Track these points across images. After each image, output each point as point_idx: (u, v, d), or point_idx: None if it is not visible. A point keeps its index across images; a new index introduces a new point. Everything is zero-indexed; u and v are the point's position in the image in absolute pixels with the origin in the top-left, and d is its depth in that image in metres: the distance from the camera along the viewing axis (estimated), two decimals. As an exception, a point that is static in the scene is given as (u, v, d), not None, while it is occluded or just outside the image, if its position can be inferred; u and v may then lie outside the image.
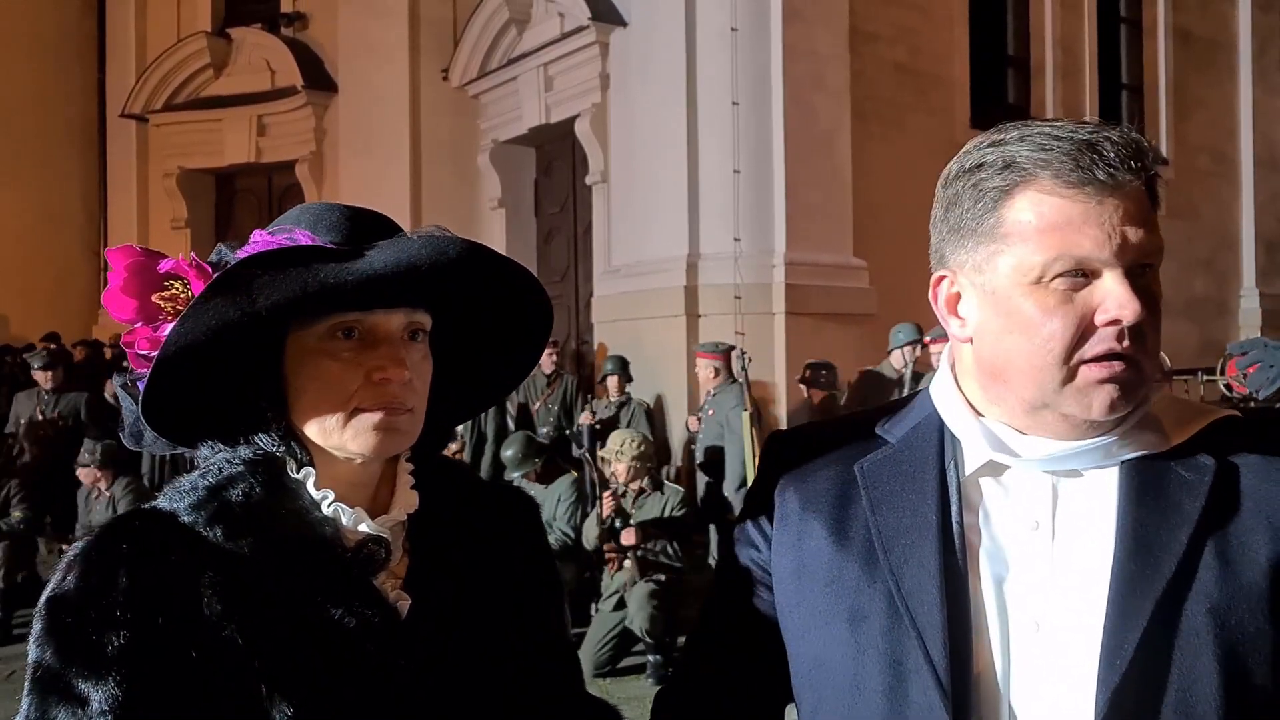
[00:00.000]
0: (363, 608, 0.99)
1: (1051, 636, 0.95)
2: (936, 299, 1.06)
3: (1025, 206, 0.95)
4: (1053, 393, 0.95)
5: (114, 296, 1.02)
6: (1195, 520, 0.94)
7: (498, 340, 1.14)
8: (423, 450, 1.12)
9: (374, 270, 0.95)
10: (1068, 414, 0.96)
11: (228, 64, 13.15)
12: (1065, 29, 11.02)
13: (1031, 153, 0.94)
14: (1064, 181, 0.93)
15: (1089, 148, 0.92)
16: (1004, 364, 0.98)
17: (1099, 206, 0.92)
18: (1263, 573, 0.91)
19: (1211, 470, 0.96)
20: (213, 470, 1.02)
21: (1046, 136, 0.95)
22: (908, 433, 1.08)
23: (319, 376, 0.99)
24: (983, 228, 0.98)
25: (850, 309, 8.29)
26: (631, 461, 5.76)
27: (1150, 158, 0.95)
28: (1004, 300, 0.97)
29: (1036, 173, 0.94)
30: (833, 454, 1.10)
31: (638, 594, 5.44)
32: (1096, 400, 0.93)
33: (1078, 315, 0.93)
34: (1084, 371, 0.93)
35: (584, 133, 9.95)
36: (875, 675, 0.99)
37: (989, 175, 0.97)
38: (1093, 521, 0.97)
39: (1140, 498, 0.96)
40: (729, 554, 1.17)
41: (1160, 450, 0.98)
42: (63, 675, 0.92)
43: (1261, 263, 12.93)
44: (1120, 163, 0.92)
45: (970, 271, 1.00)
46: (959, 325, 1.04)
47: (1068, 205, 0.93)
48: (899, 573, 1.00)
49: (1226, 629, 0.90)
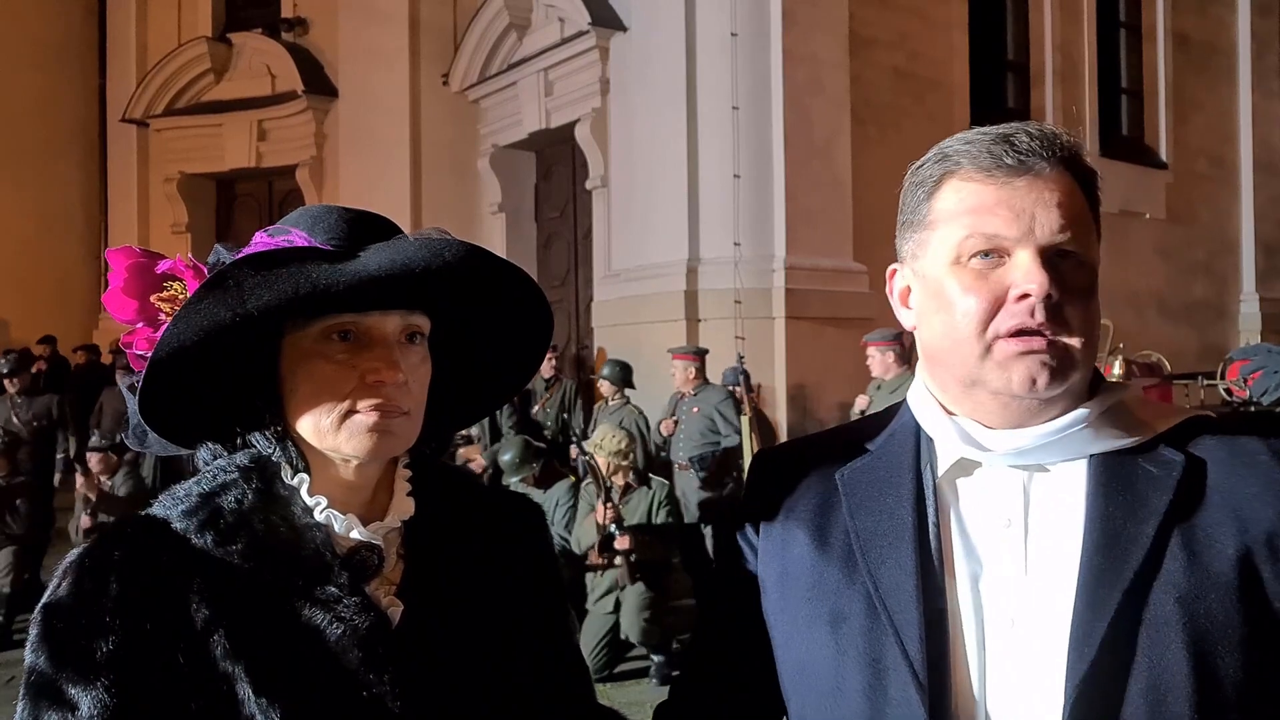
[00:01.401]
0: (350, 614, 0.98)
1: (1026, 631, 0.97)
2: (891, 291, 1.12)
3: (948, 194, 1.02)
4: (975, 367, 0.99)
5: (114, 297, 1.02)
6: (1162, 513, 0.95)
7: (499, 344, 1.14)
8: (422, 455, 1.12)
9: (367, 272, 0.95)
10: (995, 390, 0.98)
11: (228, 69, 13.19)
12: (1064, 34, 11.03)
13: (959, 146, 1.02)
14: (979, 167, 1.00)
15: (1004, 139, 0.99)
16: (935, 344, 1.04)
17: (1009, 189, 0.98)
18: (1230, 563, 0.93)
19: (1180, 465, 0.98)
20: (206, 477, 1.03)
21: (975, 132, 1.02)
22: (885, 439, 1.12)
23: (314, 378, 0.99)
24: (917, 217, 1.06)
25: (850, 313, 8.28)
26: (610, 457, 5.71)
27: (1068, 149, 1.00)
28: (932, 282, 1.03)
29: (960, 162, 1.01)
30: (816, 466, 1.14)
31: (630, 604, 5.42)
32: (1015, 374, 0.96)
33: (992, 291, 0.97)
34: (1000, 345, 0.97)
35: (584, 137, 9.96)
36: (855, 675, 1.01)
37: (925, 170, 1.06)
38: (1063, 517, 0.99)
39: (1108, 492, 0.98)
40: (721, 565, 1.20)
41: (1128, 445, 1.00)
42: (54, 681, 0.92)
43: (1261, 267, 12.93)
44: (1030, 150, 0.98)
45: (910, 260, 1.08)
46: (908, 315, 1.10)
47: (981, 189, 0.99)
48: (876, 573, 1.02)
49: (1195, 618, 0.91)
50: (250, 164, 12.97)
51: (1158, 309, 11.42)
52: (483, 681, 1.05)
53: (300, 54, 12.65)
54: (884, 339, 6.57)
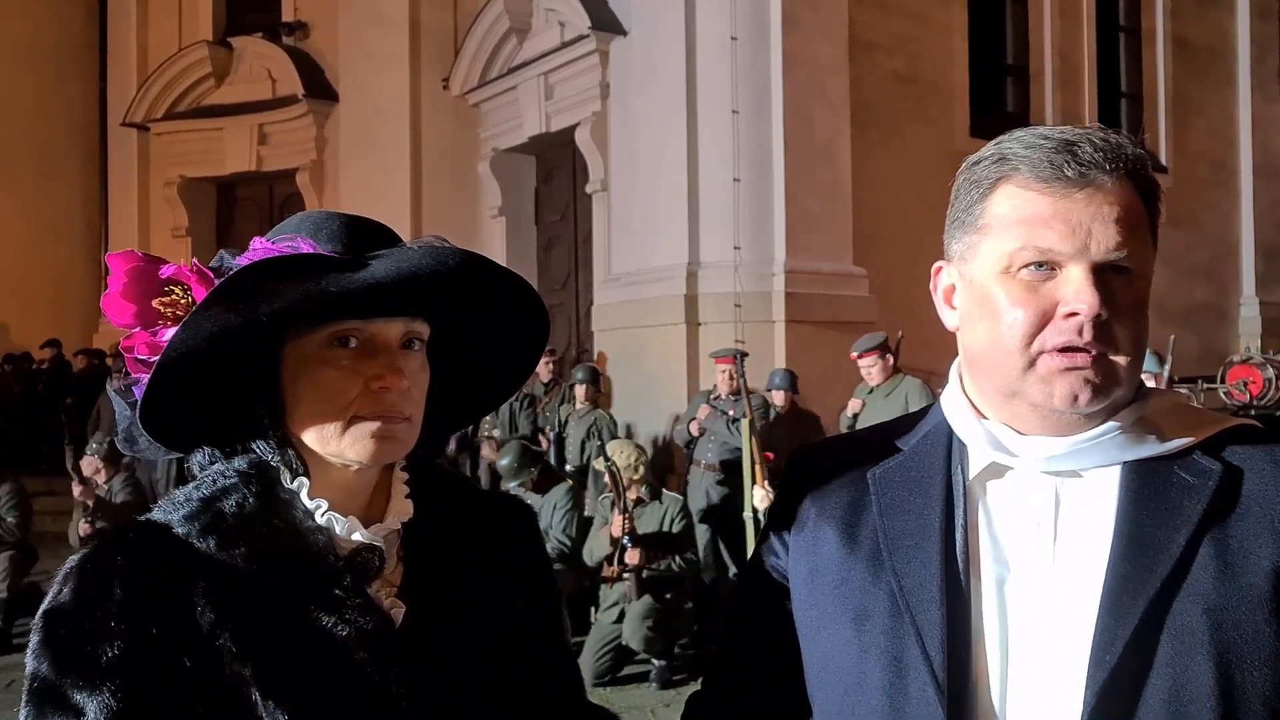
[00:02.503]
0: (355, 616, 0.99)
1: (1050, 636, 0.96)
2: (935, 289, 1.10)
3: (1003, 199, 0.99)
4: (1017, 379, 0.97)
5: (113, 301, 1.02)
6: (1195, 522, 0.94)
7: (494, 349, 1.15)
8: (419, 458, 1.12)
9: (376, 279, 0.96)
10: (1035, 403, 0.97)
11: (229, 73, 13.20)
12: (1064, 37, 11.04)
13: (1019, 149, 0.98)
14: (1037, 176, 0.96)
15: (1067, 146, 0.96)
16: (977, 351, 1.02)
17: (1068, 202, 0.95)
18: (1264, 576, 0.91)
19: (1216, 474, 0.96)
20: (206, 482, 1.03)
21: (1037, 135, 0.98)
22: (918, 440, 1.11)
23: (317, 384, 1.00)
24: (970, 218, 1.03)
25: (850, 317, 8.27)
26: (625, 470, 5.74)
27: (1134, 161, 0.97)
28: (979, 289, 1.01)
29: (1018, 167, 0.98)
30: (850, 465, 1.13)
31: (633, 614, 5.45)
32: (1058, 390, 0.95)
33: (1040, 306, 0.95)
34: (1044, 360, 0.95)
35: (584, 141, 9.97)
36: (877, 673, 1.01)
37: (982, 169, 1.02)
38: (1094, 523, 0.98)
39: (1140, 499, 0.97)
40: (755, 562, 1.20)
41: (1164, 453, 0.99)
42: (58, 686, 0.92)
43: (1261, 270, 12.93)
44: (1093, 162, 0.95)
45: (958, 261, 1.05)
46: (951, 316, 1.08)
47: (1037, 199, 0.96)
48: (901, 572, 1.01)
49: (1223, 630, 0.90)
50: (251, 168, 12.98)
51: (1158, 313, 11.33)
52: (484, 682, 1.06)
53: (301, 58, 12.66)
54: (871, 348, 6.54)
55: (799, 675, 1.12)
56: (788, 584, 1.14)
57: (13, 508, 6.80)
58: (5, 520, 6.76)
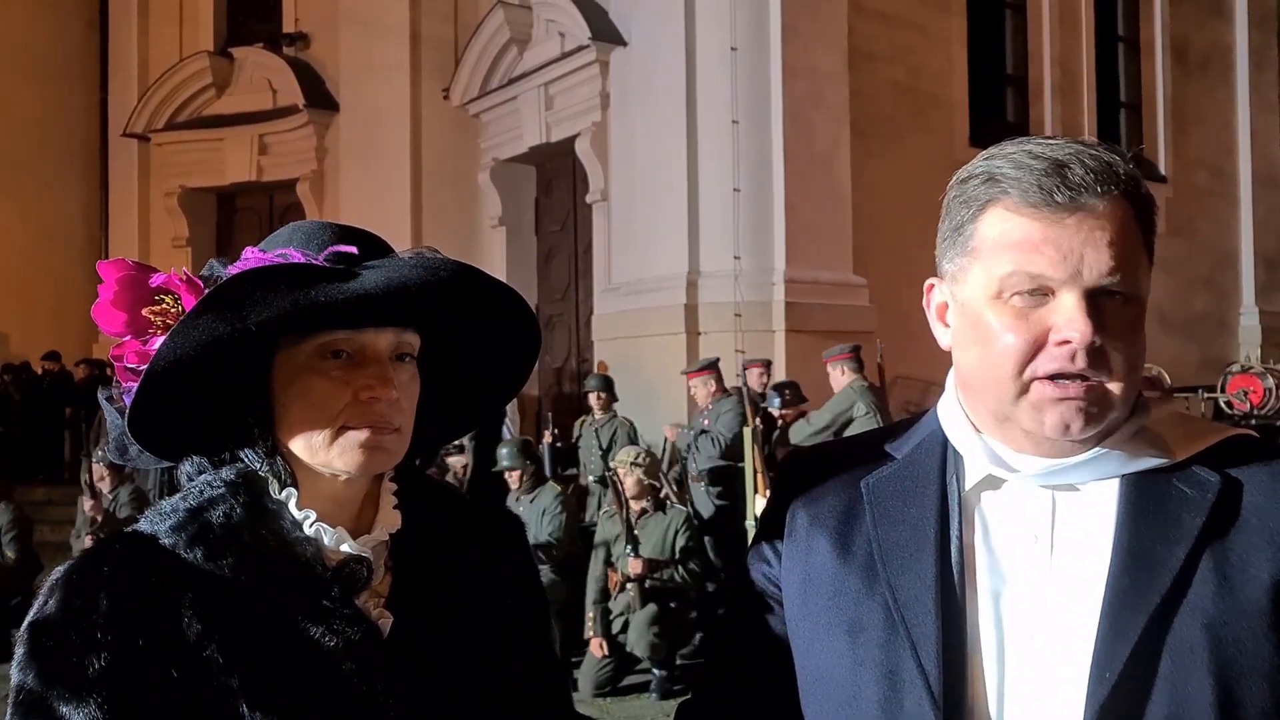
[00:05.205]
0: (343, 626, 0.99)
1: (1046, 649, 0.95)
2: (928, 305, 1.08)
3: (993, 222, 0.97)
4: (1009, 405, 0.96)
5: (103, 309, 1.02)
6: (1194, 536, 0.93)
7: (486, 360, 1.14)
8: (407, 469, 1.12)
9: (366, 290, 0.95)
10: (1027, 430, 0.96)
11: (229, 83, 13.24)
12: (1063, 48, 11.07)
13: (1009, 170, 0.96)
14: (1026, 201, 0.94)
15: (1057, 169, 0.93)
16: (970, 374, 1.01)
17: (1058, 227, 0.93)
18: (1264, 590, 0.90)
19: (1215, 487, 0.95)
20: (194, 492, 1.02)
21: (1026, 154, 0.96)
22: (912, 449, 1.10)
23: (307, 394, 0.99)
24: (961, 238, 1.00)
25: (850, 326, 8.27)
26: (637, 479, 5.75)
27: (1127, 180, 0.95)
28: (972, 312, 0.99)
29: (1008, 190, 0.96)
30: (842, 472, 1.12)
31: (639, 620, 5.47)
32: (1049, 418, 0.94)
33: (1032, 332, 0.93)
34: (1037, 387, 0.94)
35: (584, 151, 9.99)
36: (871, 686, 0.99)
37: (972, 188, 0.99)
38: (1091, 535, 0.97)
39: (1139, 512, 0.95)
40: (745, 572, 1.19)
41: (1162, 465, 0.97)
42: (45, 698, 0.91)
43: (1261, 280, 12.95)
44: (1084, 184, 0.93)
45: (950, 282, 1.03)
46: (945, 334, 1.07)
47: (1028, 224, 0.94)
48: (896, 584, 1.00)
49: (1223, 645, 0.89)
50: (251, 178, 13.02)
51: (1158, 322, 11.42)
52: (472, 691, 1.05)
53: (301, 68, 12.70)
54: (840, 354, 6.63)
55: (791, 686, 1.10)
56: (779, 593, 1.12)
57: (14, 539, 6.87)
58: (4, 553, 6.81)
